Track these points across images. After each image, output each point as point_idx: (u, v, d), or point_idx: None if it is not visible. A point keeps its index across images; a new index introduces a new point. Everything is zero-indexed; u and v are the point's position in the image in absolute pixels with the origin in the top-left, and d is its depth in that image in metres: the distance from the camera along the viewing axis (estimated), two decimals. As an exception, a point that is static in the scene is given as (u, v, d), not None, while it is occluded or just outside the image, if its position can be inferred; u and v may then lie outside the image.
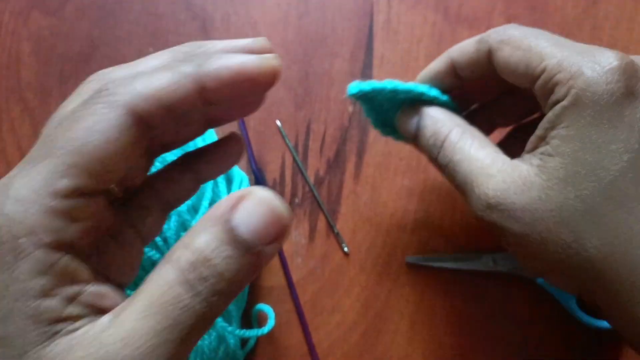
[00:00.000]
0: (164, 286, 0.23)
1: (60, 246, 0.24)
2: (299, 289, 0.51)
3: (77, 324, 0.24)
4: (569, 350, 0.48)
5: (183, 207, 0.45)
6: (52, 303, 0.23)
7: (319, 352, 0.50)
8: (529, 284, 0.49)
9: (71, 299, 0.24)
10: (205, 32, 0.55)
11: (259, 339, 0.50)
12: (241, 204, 0.24)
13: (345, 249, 0.51)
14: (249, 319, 0.49)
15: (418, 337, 0.50)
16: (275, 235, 0.24)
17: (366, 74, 0.54)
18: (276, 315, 0.46)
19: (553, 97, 0.31)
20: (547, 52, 0.31)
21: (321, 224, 0.52)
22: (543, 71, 0.31)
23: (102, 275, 0.27)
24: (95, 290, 0.25)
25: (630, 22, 0.54)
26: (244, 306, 0.49)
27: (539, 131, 0.32)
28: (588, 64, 0.30)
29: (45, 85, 0.54)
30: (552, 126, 0.31)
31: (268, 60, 0.26)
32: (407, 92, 0.38)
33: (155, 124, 0.26)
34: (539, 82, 0.32)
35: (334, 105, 0.54)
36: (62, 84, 0.54)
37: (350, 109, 0.54)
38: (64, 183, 0.23)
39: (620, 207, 0.29)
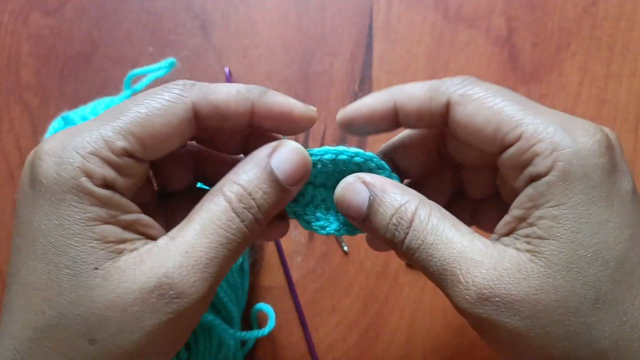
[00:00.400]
0: (217, 213, 0.29)
1: (113, 187, 0.29)
2: (298, 288, 0.51)
3: (136, 244, 0.29)
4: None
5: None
6: (114, 228, 0.28)
7: (318, 351, 0.50)
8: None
9: (127, 226, 0.29)
10: (205, 32, 0.55)
11: (258, 338, 0.50)
12: (278, 150, 0.30)
13: (345, 249, 0.52)
14: (248, 317, 0.49)
15: (417, 337, 0.50)
16: (299, 177, 0.31)
17: (366, 74, 0.54)
18: (276, 314, 0.46)
19: (531, 170, 0.27)
20: (521, 117, 0.28)
21: (321, 223, 0.52)
22: (518, 139, 0.28)
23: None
24: (145, 220, 0.30)
25: (630, 22, 0.54)
26: (244, 306, 0.49)
27: (516, 211, 0.28)
28: (571, 135, 0.27)
29: (45, 85, 0.54)
30: (536, 205, 0.27)
31: (310, 110, 0.32)
32: (321, 155, 0.33)
33: (207, 125, 0.31)
34: (512, 150, 0.28)
35: (334, 105, 0.54)
36: (62, 84, 0.54)
37: (350, 108, 0.54)
38: (120, 144, 0.28)
39: (628, 289, 0.27)
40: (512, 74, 0.54)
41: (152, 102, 0.29)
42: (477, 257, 0.28)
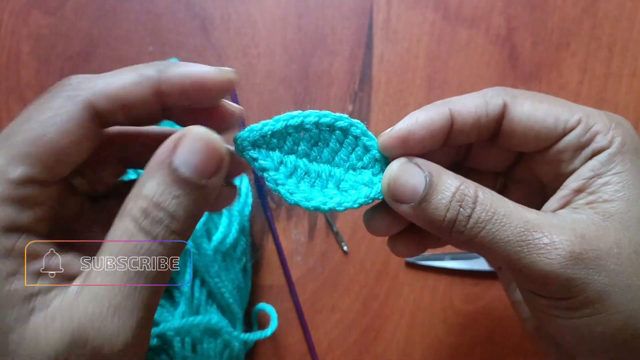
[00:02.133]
0: (123, 238, 0.25)
1: (17, 229, 0.25)
2: (298, 287, 0.51)
3: (51, 294, 0.25)
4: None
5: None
6: (20, 283, 0.25)
7: (318, 350, 0.50)
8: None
9: (39, 273, 0.25)
10: (205, 31, 0.55)
11: (258, 338, 0.50)
12: (180, 144, 0.26)
13: (345, 248, 0.52)
14: (249, 315, 0.49)
15: (417, 336, 0.50)
16: (215, 167, 0.26)
17: (366, 73, 0.54)
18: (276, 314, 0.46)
19: (594, 146, 0.31)
20: (571, 107, 0.32)
21: (321, 222, 0.52)
22: (578, 123, 0.31)
23: (67, 246, 0.28)
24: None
25: (630, 21, 0.54)
26: (246, 306, 0.49)
27: (574, 184, 0.31)
28: (615, 117, 0.32)
29: (45, 85, 0.54)
30: (598, 174, 0.30)
31: (225, 72, 0.28)
32: (304, 117, 0.31)
33: (112, 121, 0.27)
34: (574, 133, 0.31)
35: (334, 104, 0.54)
36: (62, 83, 0.54)
37: (350, 108, 0.54)
38: (18, 172, 0.25)
39: None
40: (512, 74, 0.54)
41: (43, 113, 0.26)
42: (555, 221, 0.29)
